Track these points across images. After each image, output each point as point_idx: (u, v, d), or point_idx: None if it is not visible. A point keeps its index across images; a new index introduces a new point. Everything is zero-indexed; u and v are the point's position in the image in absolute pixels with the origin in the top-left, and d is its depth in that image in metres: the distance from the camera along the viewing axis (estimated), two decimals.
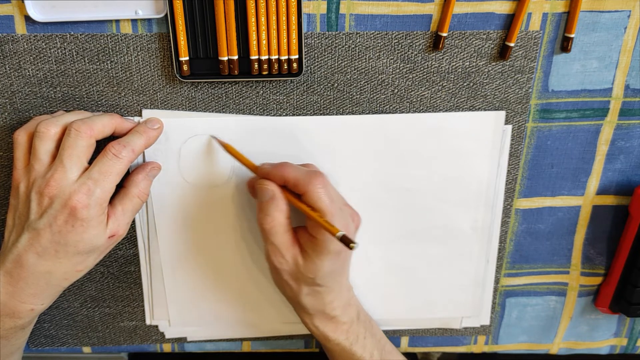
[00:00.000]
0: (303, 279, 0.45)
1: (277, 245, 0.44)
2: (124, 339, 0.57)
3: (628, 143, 0.51)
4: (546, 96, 0.49)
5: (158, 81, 0.46)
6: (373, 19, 0.45)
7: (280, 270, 0.45)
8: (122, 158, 0.42)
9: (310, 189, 0.42)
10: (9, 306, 0.43)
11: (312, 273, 0.44)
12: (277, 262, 0.45)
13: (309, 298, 0.46)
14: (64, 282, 0.44)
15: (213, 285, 0.54)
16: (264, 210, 0.44)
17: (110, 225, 0.43)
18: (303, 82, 0.47)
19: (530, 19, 0.46)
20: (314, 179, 0.42)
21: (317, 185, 0.42)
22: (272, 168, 0.44)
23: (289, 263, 0.45)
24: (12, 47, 0.44)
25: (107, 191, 0.42)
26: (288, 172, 0.43)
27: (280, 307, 0.56)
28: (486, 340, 0.60)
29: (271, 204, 0.43)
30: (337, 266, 0.45)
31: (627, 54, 0.47)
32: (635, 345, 0.61)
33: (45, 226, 0.41)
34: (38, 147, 0.42)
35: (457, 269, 0.55)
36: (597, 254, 0.56)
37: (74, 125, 0.41)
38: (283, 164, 0.44)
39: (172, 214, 0.50)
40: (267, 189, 0.44)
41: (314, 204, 0.42)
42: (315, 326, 0.48)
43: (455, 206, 0.52)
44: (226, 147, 0.47)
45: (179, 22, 0.43)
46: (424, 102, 0.48)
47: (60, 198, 0.40)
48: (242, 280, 0.54)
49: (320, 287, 0.46)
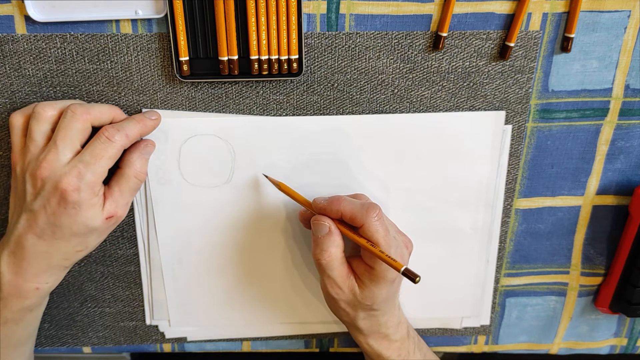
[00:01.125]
0: (360, 306, 0.46)
1: (334, 279, 0.45)
2: (124, 339, 0.57)
3: (628, 143, 0.51)
4: (546, 96, 0.49)
5: (158, 81, 0.46)
6: (373, 19, 0.45)
7: (337, 301, 0.46)
8: (114, 142, 0.41)
9: (367, 222, 0.43)
10: (15, 286, 0.43)
11: (369, 300, 0.45)
12: (334, 293, 0.46)
13: (365, 322, 0.48)
14: (66, 262, 0.44)
15: (213, 285, 0.54)
16: (320, 245, 0.45)
17: (107, 206, 0.43)
18: (303, 82, 0.47)
19: (530, 19, 0.46)
20: (371, 212, 0.43)
21: (373, 218, 0.43)
22: (328, 204, 0.45)
23: (345, 294, 0.46)
24: (12, 47, 0.44)
25: (98, 175, 0.41)
26: (344, 206, 0.44)
27: (280, 307, 0.56)
28: (486, 340, 0.60)
29: (328, 240, 0.44)
30: (392, 292, 0.47)
31: (627, 54, 0.47)
32: (635, 345, 0.61)
33: (40, 208, 0.41)
34: (33, 128, 0.42)
35: (457, 269, 0.55)
36: (597, 254, 0.56)
37: (71, 107, 0.41)
38: (338, 198, 0.44)
39: (172, 214, 0.50)
40: (324, 225, 0.44)
41: (371, 237, 0.43)
42: (369, 345, 0.50)
43: (455, 206, 0.52)
44: (279, 185, 0.48)
45: (179, 22, 0.43)
46: (424, 102, 0.48)
47: (51, 180, 0.40)
48: (242, 280, 0.54)
49: (377, 311, 0.47)
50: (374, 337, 0.49)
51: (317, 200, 0.45)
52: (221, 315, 0.56)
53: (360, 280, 0.45)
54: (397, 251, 0.44)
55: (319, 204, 0.45)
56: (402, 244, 0.46)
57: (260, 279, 0.54)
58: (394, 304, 0.49)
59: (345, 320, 0.49)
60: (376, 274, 0.44)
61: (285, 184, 0.48)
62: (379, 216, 0.43)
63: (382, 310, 0.48)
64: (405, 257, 0.46)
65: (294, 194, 0.48)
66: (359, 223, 0.43)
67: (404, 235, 0.48)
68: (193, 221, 0.51)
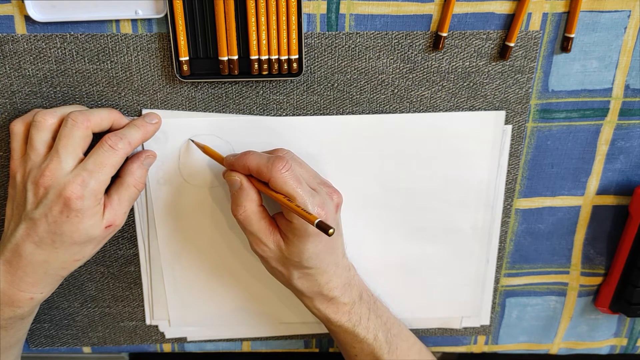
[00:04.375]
0: (290, 263, 0.45)
1: (256, 234, 0.44)
2: (124, 339, 0.57)
3: (628, 143, 0.51)
4: (546, 96, 0.49)
5: (158, 81, 0.46)
6: (373, 19, 0.45)
7: (266, 258, 0.45)
8: (118, 150, 0.42)
9: (273, 175, 0.41)
10: (8, 295, 0.43)
11: (296, 257, 0.44)
12: (260, 250, 0.45)
13: (302, 281, 0.46)
14: (63, 272, 0.44)
15: (213, 285, 0.54)
16: (235, 201, 0.44)
17: (106, 215, 0.43)
18: (303, 82, 0.47)
19: (530, 19, 0.46)
20: (276, 164, 0.41)
21: (280, 169, 0.41)
22: (236, 158, 0.44)
23: (272, 250, 0.45)
24: (12, 47, 0.44)
25: (102, 182, 0.41)
26: (250, 160, 0.43)
27: (280, 307, 0.56)
28: (486, 340, 0.60)
29: (241, 194, 0.43)
30: (321, 247, 0.44)
31: (627, 54, 0.47)
32: (635, 345, 0.61)
33: (41, 216, 0.41)
34: (34, 136, 0.42)
35: (457, 269, 0.55)
36: (597, 254, 0.56)
37: (71, 115, 0.41)
38: (245, 152, 0.44)
39: (172, 214, 0.50)
40: (235, 180, 0.44)
41: (280, 190, 0.41)
42: (317, 309, 0.48)
43: (455, 206, 0.52)
44: (204, 148, 0.47)
45: (179, 22, 0.43)
46: (424, 102, 0.48)
47: (54, 188, 0.40)
48: (242, 280, 0.54)
49: (310, 269, 0.45)
50: (319, 299, 0.47)
51: (228, 156, 0.45)
52: (221, 315, 0.56)
53: (285, 235, 0.44)
54: (315, 202, 0.42)
55: (228, 160, 0.45)
56: (326, 195, 0.44)
57: (260, 279, 0.54)
58: (332, 262, 0.46)
59: (282, 281, 0.47)
60: (296, 228, 0.42)
61: (209, 147, 0.47)
62: (287, 168, 0.41)
63: (318, 269, 0.45)
64: (330, 208, 0.43)
65: (214, 154, 0.47)
66: (266, 177, 0.42)
67: (330, 187, 0.46)
68: (193, 221, 0.51)
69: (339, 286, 0.47)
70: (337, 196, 0.45)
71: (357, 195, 0.50)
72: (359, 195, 0.50)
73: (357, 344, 0.49)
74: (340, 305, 0.48)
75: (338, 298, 0.47)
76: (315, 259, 0.44)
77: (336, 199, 0.45)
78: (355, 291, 0.49)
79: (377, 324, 0.49)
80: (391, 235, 0.53)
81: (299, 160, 0.45)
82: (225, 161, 0.45)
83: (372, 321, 0.49)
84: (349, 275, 0.48)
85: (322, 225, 0.38)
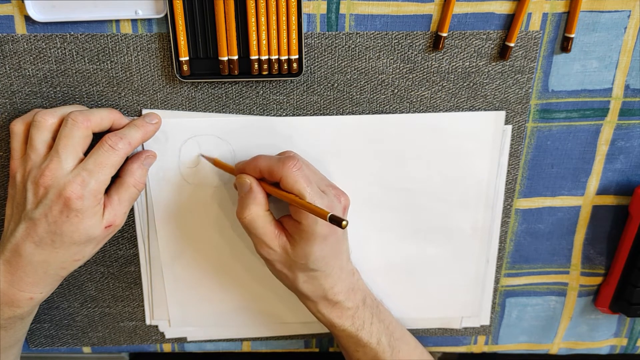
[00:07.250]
0: (296, 265, 0.45)
1: (261, 237, 0.44)
2: (124, 339, 0.57)
3: (628, 143, 0.51)
4: (546, 96, 0.49)
5: (158, 81, 0.46)
6: (373, 19, 0.45)
7: (272, 261, 0.46)
8: (118, 150, 0.42)
9: (285, 173, 0.42)
10: (8, 295, 0.43)
11: (302, 259, 0.44)
12: (265, 253, 0.45)
13: (307, 285, 0.46)
14: (62, 272, 0.44)
15: (213, 285, 0.54)
16: (242, 203, 0.44)
17: (106, 215, 0.43)
18: (303, 82, 0.47)
19: (530, 19, 0.46)
20: (288, 162, 0.42)
21: (291, 168, 0.42)
22: (246, 162, 0.44)
23: (277, 252, 0.45)
24: (12, 47, 0.44)
25: (102, 183, 0.41)
26: (260, 161, 0.43)
27: (280, 307, 0.56)
28: (486, 340, 0.60)
29: (248, 197, 0.44)
30: (327, 250, 0.45)
31: (627, 54, 0.47)
32: (635, 345, 0.61)
33: (41, 216, 0.41)
34: (34, 136, 0.42)
35: (457, 269, 0.55)
36: (597, 254, 0.56)
37: (71, 115, 0.41)
38: (256, 156, 0.44)
39: (172, 214, 0.50)
40: (245, 182, 0.44)
41: (291, 188, 0.42)
42: (320, 313, 0.48)
43: (455, 206, 0.52)
44: (214, 161, 0.48)
45: (179, 22, 0.43)
46: (424, 102, 0.48)
47: (54, 188, 0.40)
48: (242, 280, 0.54)
49: (315, 272, 0.45)
50: (323, 304, 0.47)
51: (238, 163, 0.46)
52: (221, 315, 0.56)
53: (291, 238, 0.44)
54: (323, 202, 0.42)
55: (239, 166, 0.45)
56: (334, 197, 0.44)
57: (260, 279, 0.54)
58: (337, 266, 0.46)
59: (288, 284, 0.48)
60: (304, 229, 0.43)
61: (219, 160, 0.48)
62: (298, 167, 0.42)
63: (323, 272, 0.45)
64: (337, 209, 0.44)
65: (226, 167, 0.47)
66: (277, 176, 0.42)
67: (337, 189, 0.46)
68: (193, 221, 0.51)
69: (343, 291, 0.47)
70: (344, 199, 0.46)
71: (357, 195, 0.50)
72: (358, 195, 0.50)
73: (360, 348, 0.49)
74: (344, 310, 0.48)
75: (342, 303, 0.48)
76: (321, 261, 0.45)
77: (344, 201, 0.46)
78: (359, 296, 0.49)
79: (380, 328, 0.50)
80: (391, 235, 0.53)
81: (307, 163, 0.45)
82: (236, 167, 0.46)
83: (375, 325, 0.49)
84: (353, 280, 0.49)
85: (335, 218, 0.38)
